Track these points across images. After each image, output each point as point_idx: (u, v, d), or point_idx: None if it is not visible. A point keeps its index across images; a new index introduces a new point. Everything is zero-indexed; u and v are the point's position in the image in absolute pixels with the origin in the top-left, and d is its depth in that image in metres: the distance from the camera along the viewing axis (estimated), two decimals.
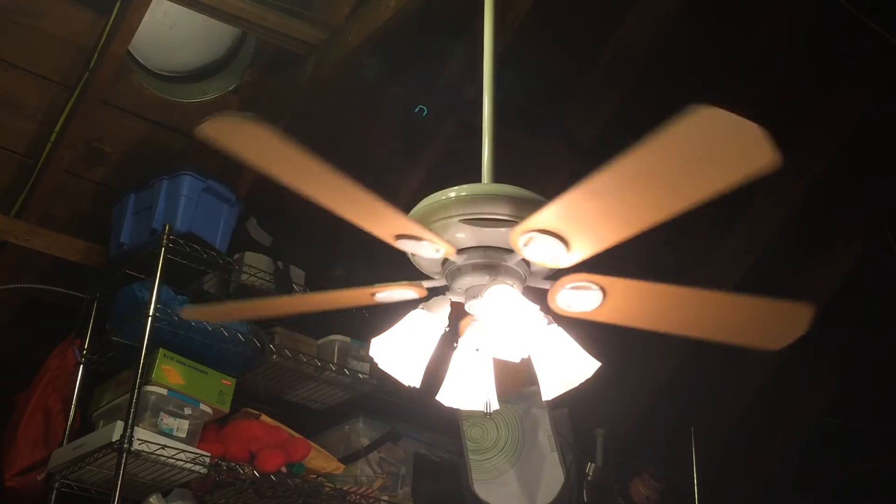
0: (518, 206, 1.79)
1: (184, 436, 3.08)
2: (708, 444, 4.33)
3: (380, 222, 1.72)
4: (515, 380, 1.87)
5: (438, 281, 1.94)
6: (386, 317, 1.98)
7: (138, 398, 2.98)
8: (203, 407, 3.16)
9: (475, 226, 1.81)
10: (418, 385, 1.94)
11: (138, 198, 3.41)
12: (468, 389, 1.96)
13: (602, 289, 1.83)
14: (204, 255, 3.33)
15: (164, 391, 3.09)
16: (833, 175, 4.28)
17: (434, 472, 3.78)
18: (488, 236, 1.82)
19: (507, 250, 1.83)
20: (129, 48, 3.30)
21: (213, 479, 3.17)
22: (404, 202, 1.75)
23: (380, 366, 1.93)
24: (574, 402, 3.53)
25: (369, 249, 1.80)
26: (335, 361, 3.50)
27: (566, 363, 1.89)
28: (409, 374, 1.93)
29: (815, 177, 4.27)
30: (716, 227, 4.39)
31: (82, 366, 3.36)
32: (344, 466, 3.47)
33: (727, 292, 1.97)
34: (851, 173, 4.33)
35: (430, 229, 1.79)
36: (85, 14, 3.21)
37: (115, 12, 3.16)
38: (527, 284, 1.91)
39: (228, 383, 3.26)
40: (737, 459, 4.76)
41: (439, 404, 2.00)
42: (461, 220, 1.81)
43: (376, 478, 3.55)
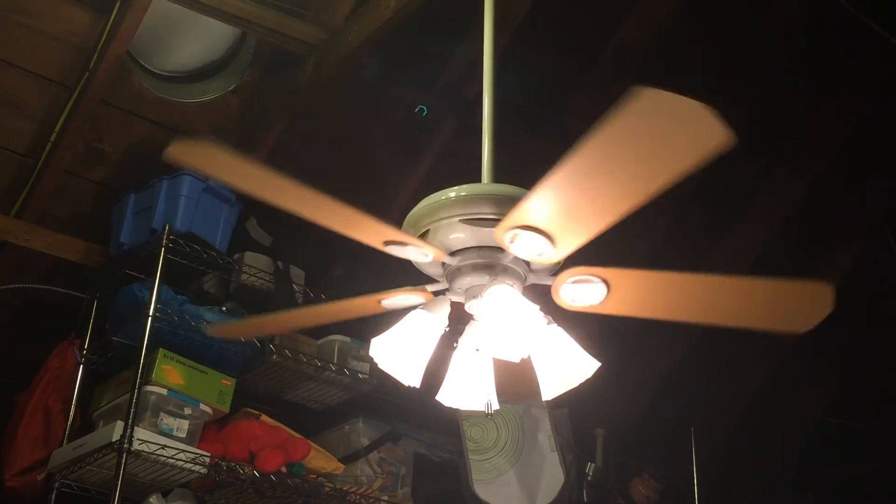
0: None
1: (184, 436, 3.08)
2: (708, 444, 4.32)
3: (365, 231, 1.73)
4: (528, 388, 1.86)
5: (441, 284, 1.93)
6: (386, 317, 1.98)
7: (138, 398, 2.98)
8: (203, 407, 3.17)
9: (475, 226, 1.81)
10: (418, 385, 1.93)
11: (138, 198, 3.41)
12: (468, 389, 1.96)
13: (605, 281, 1.81)
14: (204, 255, 3.33)
15: (164, 391, 3.09)
16: (833, 175, 4.28)
17: (434, 472, 3.78)
18: (487, 236, 1.81)
19: (505, 250, 1.83)
20: (129, 48, 3.30)
21: (213, 479, 3.17)
22: (404, 202, 1.75)
23: (380, 366, 1.93)
24: (574, 402, 3.53)
25: (369, 249, 1.80)
26: (335, 361, 3.50)
27: (566, 363, 1.88)
28: (409, 374, 1.92)
29: (815, 177, 4.27)
30: (716, 227, 4.39)
31: (82, 366, 3.35)
32: (344, 466, 3.47)
33: (741, 276, 1.92)
34: (851, 173, 4.33)
35: (429, 230, 1.78)
36: (85, 14, 3.21)
37: (114, 12, 3.15)
38: (529, 283, 1.91)
39: (228, 383, 3.26)
40: (737, 459, 4.76)
41: (439, 404, 2.00)
42: (461, 220, 1.81)
43: (376, 478, 3.55)
